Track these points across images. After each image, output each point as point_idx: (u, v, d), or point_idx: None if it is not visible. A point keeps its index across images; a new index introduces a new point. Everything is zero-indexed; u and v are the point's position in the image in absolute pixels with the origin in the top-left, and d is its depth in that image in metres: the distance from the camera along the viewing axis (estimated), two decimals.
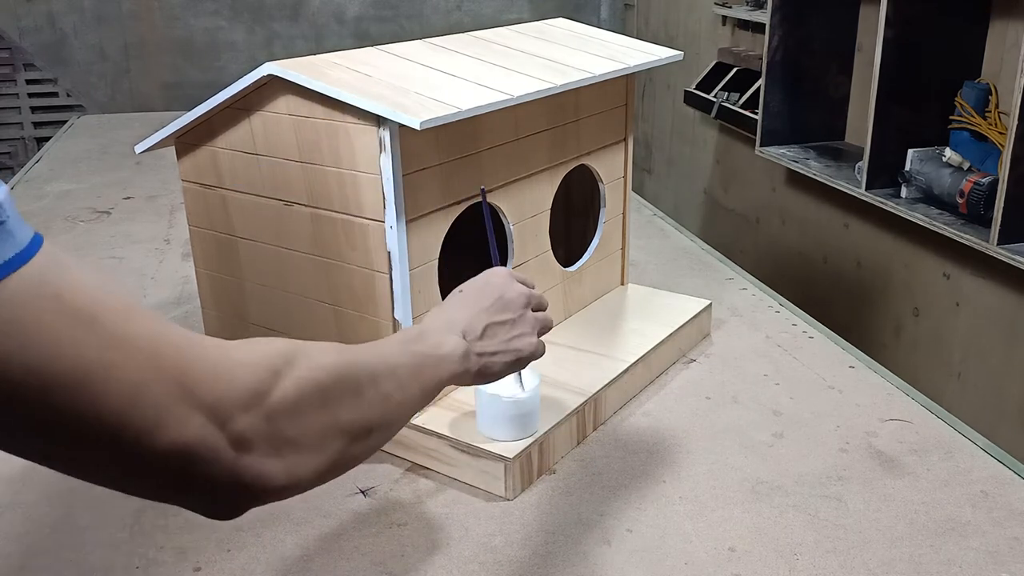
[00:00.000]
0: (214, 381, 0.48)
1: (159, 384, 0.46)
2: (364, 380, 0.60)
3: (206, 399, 0.47)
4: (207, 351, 0.49)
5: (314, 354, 0.56)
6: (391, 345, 0.68)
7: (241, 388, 0.49)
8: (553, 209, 1.20)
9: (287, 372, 0.53)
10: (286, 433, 0.52)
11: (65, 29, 3.94)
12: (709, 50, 3.31)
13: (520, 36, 1.24)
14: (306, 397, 0.54)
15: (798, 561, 0.86)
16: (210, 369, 0.48)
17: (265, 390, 0.51)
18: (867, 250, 2.48)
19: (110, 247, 1.77)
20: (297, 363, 0.54)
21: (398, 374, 0.64)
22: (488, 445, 0.96)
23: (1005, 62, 2.01)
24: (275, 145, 1.01)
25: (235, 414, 0.49)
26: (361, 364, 0.61)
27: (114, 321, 0.45)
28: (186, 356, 0.48)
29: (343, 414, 0.57)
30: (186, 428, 0.46)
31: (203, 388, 0.47)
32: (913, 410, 1.14)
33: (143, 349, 0.46)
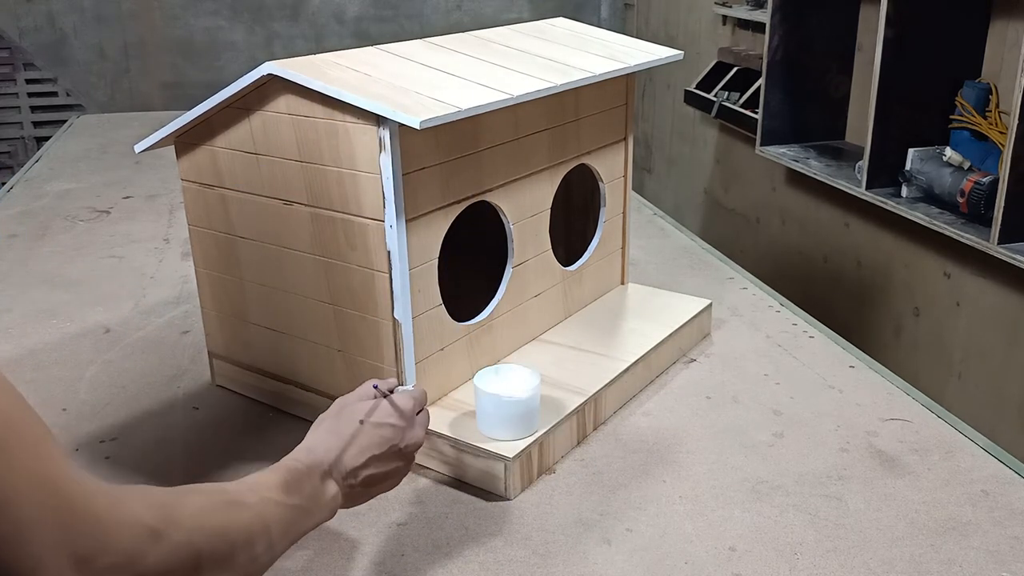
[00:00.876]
0: (94, 539, 0.48)
1: (45, 527, 0.46)
2: (239, 544, 0.60)
3: (82, 554, 0.47)
4: (95, 503, 0.49)
5: (195, 514, 0.57)
6: (269, 495, 0.67)
7: (119, 551, 0.49)
8: (553, 209, 1.20)
9: (167, 534, 0.53)
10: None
11: (65, 29, 3.94)
12: (709, 50, 3.31)
13: (520, 36, 1.24)
14: (180, 564, 0.54)
15: (798, 561, 0.86)
16: (92, 526, 0.48)
17: (140, 555, 0.51)
18: (867, 250, 2.48)
19: (110, 246, 1.77)
20: (178, 524, 0.54)
21: (271, 533, 0.65)
22: (488, 445, 0.96)
23: (1005, 62, 2.01)
24: (275, 144, 1.01)
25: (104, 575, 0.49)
26: (239, 528, 0.61)
27: (24, 452, 0.45)
28: (76, 507, 0.48)
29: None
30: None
31: (83, 543, 0.47)
32: (913, 410, 1.14)
33: (41, 489, 0.46)
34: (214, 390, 1.20)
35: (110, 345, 1.35)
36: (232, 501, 0.62)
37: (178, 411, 1.16)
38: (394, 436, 0.79)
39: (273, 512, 0.66)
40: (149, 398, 1.19)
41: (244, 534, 0.61)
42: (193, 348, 1.32)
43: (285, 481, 0.70)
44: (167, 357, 1.30)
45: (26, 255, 1.72)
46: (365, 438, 0.77)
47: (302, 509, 0.70)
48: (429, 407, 1.03)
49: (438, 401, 1.05)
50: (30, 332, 1.39)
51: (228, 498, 0.62)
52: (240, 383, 1.18)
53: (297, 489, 0.70)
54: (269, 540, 0.64)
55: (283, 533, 0.66)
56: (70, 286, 1.57)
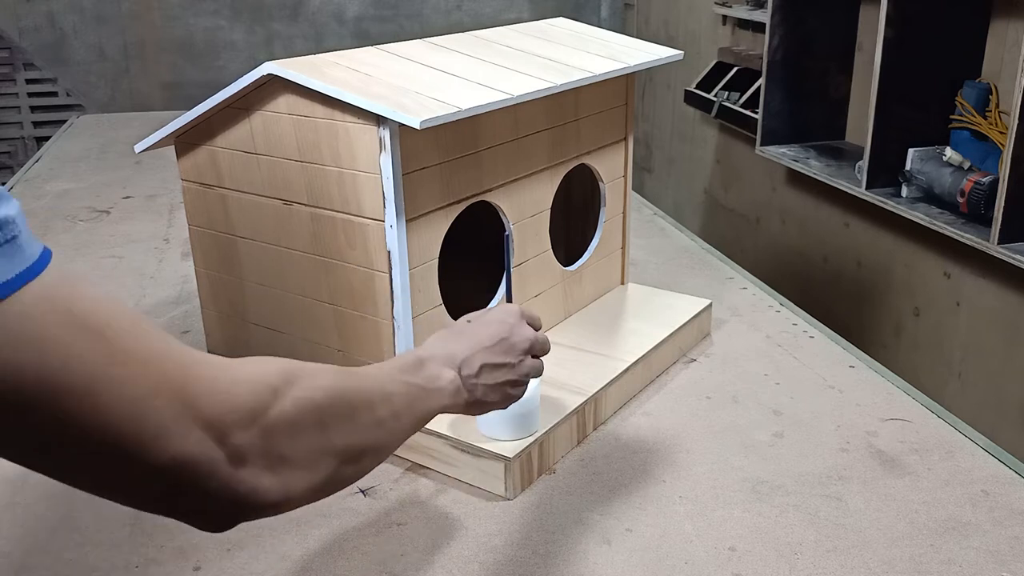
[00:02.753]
0: (214, 397, 0.50)
1: (161, 399, 0.47)
2: (359, 405, 0.62)
3: (205, 414, 0.49)
4: (208, 368, 0.51)
5: (313, 375, 0.58)
6: (388, 372, 0.69)
7: (240, 405, 0.51)
8: (553, 209, 1.20)
9: (285, 391, 0.54)
10: (281, 450, 0.53)
11: (65, 29, 3.94)
12: (709, 50, 3.31)
13: (520, 35, 1.24)
14: (303, 417, 0.55)
15: (798, 561, 0.86)
16: (210, 385, 0.50)
17: (263, 408, 0.52)
18: (867, 250, 2.48)
19: (109, 246, 1.77)
20: (296, 382, 0.55)
21: (393, 402, 0.66)
22: (488, 445, 0.96)
23: (1006, 61, 2.01)
24: (275, 144, 1.01)
25: (233, 430, 0.50)
26: (357, 389, 0.62)
27: (121, 336, 0.46)
28: (188, 372, 0.49)
29: (337, 436, 0.58)
30: (186, 442, 0.48)
31: (203, 403, 0.49)
32: (913, 410, 1.14)
33: (148, 364, 0.47)
34: None
35: None
36: (349, 370, 0.64)
37: None
38: (502, 331, 0.81)
39: (392, 384, 0.67)
40: None
41: (364, 396, 0.62)
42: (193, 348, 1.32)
43: (400, 366, 0.71)
44: None
45: None
46: (473, 334, 0.80)
47: (422, 388, 0.71)
48: None
49: None
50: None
51: (349, 371, 0.63)
52: None
53: (413, 372, 0.71)
54: (392, 408, 0.65)
55: (406, 405, 0.67)
56: None
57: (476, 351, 0.78)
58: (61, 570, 0.86)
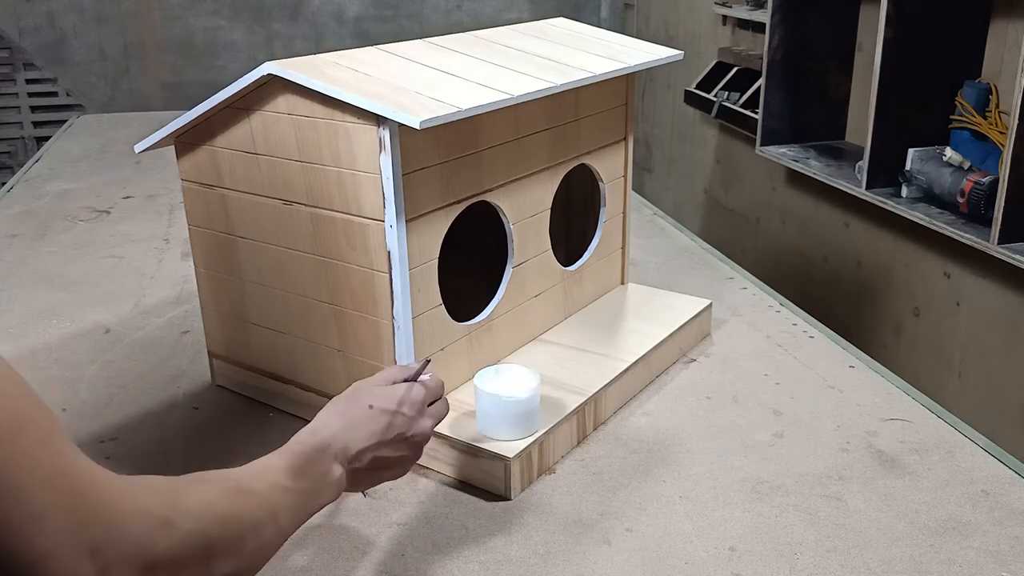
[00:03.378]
0: (106, 527, 0.48)
1: (59, 519, 0.46)
2: (248, 533, 0.60)
3: (94, 543, 0.47)
4: (108, 492, 0.49)
5: (207, 501, 0.57)
6: (278, 481, 0.67)
7: (128, 539, 0.49)
8: (553, 209, 1.20)
9: (177, 524, 0.53)
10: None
11: (65, 29, 3.94)
12: (709, 50, 3.31)
13: (520, 36, 1.24)
14: (189, 552, 0.54)
15: (798, 561, 0.86)
16: (105, 514, 0.48)
17: (151, 543, 0.51)
18: (867, 250, 2.48)
19: (109, 246, 1.77)
20: (189, 513, 0.54)
21: (279, 521, 0.65)
22: (488, 445, 0.96)
23: (1006, 62, 2.01)
24: (275, 144, 1.01)
25: (117, 565, 0.48)
26: (248, 515, 0.61)
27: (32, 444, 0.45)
28: (89, 497, 0.48)
29: (220, 567, 0.57)
30: (70, 571, 0.46)
31: (96, 533, 0.47)
32: (913, 410, 1.14)
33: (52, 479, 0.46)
34: (214, 390, 1.20)
35: (110, 345, 1.35)
36: (239, 489, 0.62)
37: (178, 411, 1.16)
38: (402, 425, 0.78)
39: (280, 498, 0.66)
40: (149, 398, 1.19)
41: (252, 521, 0.61)
42: (193, 348, 1.32)
43: (291, 466, 0.69)
44: (167, 357, 1.30)
45: (26, 255, 1.72)
46: (373, 423, 0.77)
47: (309, 492, 0.69)
48: None
49: None
50: (30, 332, 1.39)
51: (235, 486, 0.62)
52: (240, 383, 1.18)
53: (304, 473, 0.69)
54: (277, 526, 0.64)
55: (291, 518, 0.67)
56: (70, 286, 1.57)
57: (371, 445, 0.76)
58: None
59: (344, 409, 0.77)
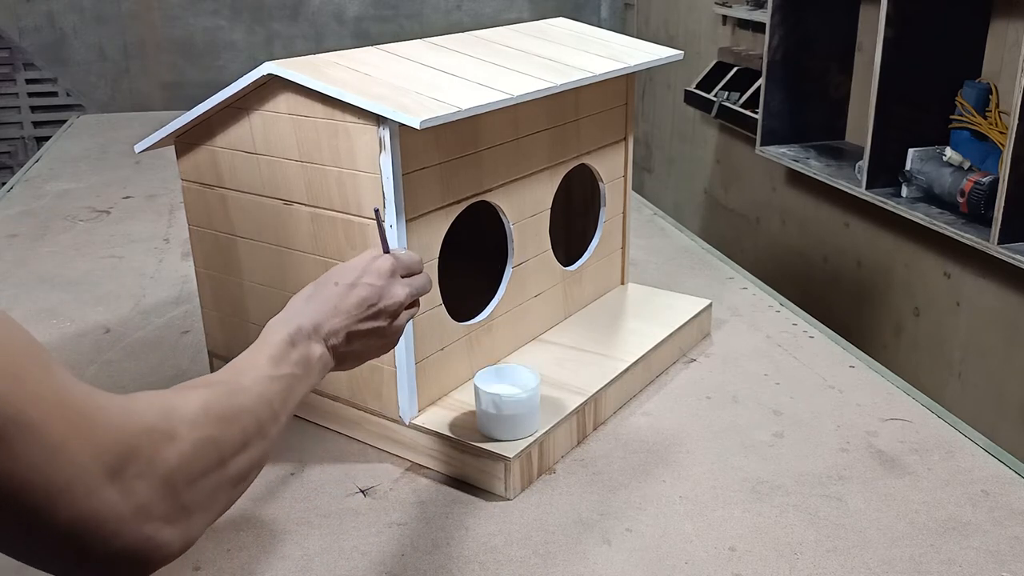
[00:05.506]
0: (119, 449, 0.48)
1: (74, 447, 0.46)
2: (250, 429, 0.61)
3: (113, 466, 0.47)
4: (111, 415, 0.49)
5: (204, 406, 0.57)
6: (262, 372, 0.68)
7: (141, 457, 0.50)
8: (553, 209, 1.20)
9: (183, 433, 0.53)
10: (183, 500, 0.52)
11: (65, 29, 3.94)
12: (709, 50, 3.31)
13: (520, 36, 1.24)
14: (200, 458, 0.54)
15: (798, 561, 0.86)
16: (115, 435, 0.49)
17: (162, 457, 0.51)
18: (867, 250, 2.48)
19: (109, 246, 1.77)
20: (190, 419, 0.55)
21: (273, 407, 0.65)
22: (488, 445, 0.96)
23: (1005, 61, 2.01)
24: (275, 144, 1.01)
25: (135, 482, 0.49)
26: (246, 412, 0.61)
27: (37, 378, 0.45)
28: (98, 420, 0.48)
29: (233, 467, 0.58)
30: (92, 497, 0.46)
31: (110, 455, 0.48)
32: (913, 410, 1.14)
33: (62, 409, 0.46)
34: None
35: (110, 345, 1.35)
36: (229, 389, 0.62)
37: None
38: (371, 295, 0.77)
39: (269, 387, 0.66)
40: None
41: (251, 417, 0.62)
42: (193, 348, 1.32)
43: (271, 356, 0.70)
44: (167, 357, 1.30)
45: (26, 255, 1.72)
46: (340, 299, 0.76)
47: (295, 377, 0.70)
48: (432, 407, 1.03)
49: (438, 401, 1.05)
50: (30, 332, 1.39)
51: (225, 388, 0.62)
52: None
53: (284, 359, 0.70)
54: (273, 414, 0.65)
55: (283, 403, 0.67)
56: (70, 286, 1.57)
57: (343, 321, 0.75)
58: None
59: (311, 293, 0.77)
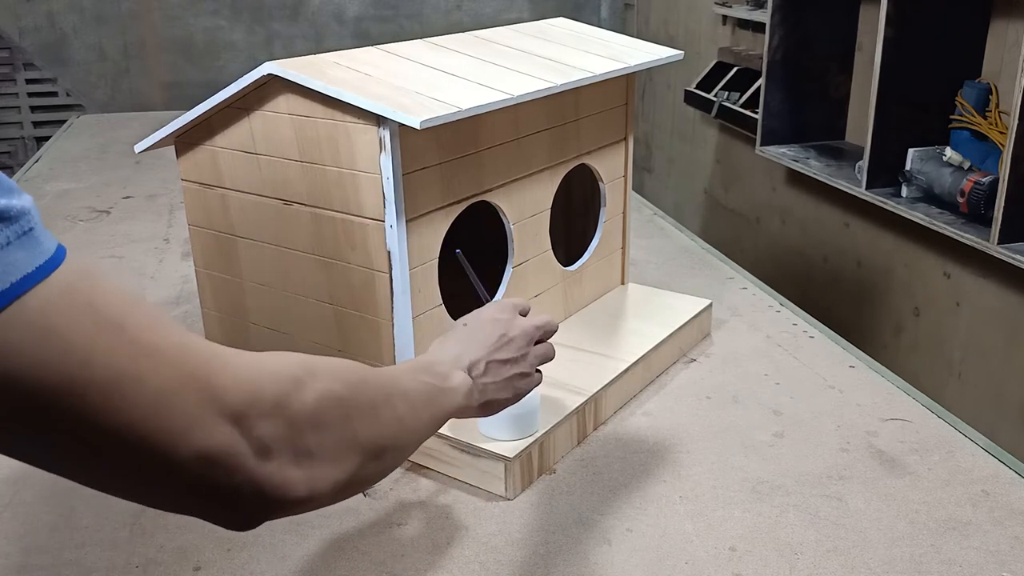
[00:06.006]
0: (238, 389, 0.49)
1: (186, 392, 0.47)
2: (379, 399, 0.62)
3: (231, 407, 0.48)
4: (230, 360, 0.50)
5: (333, 368, 0.58)
6: (401, 371, 0.69)
7: (264, 396, 0.50)
8: (553, 209, 1.20)
9: (308, 382, 0.54)
10: (307, 443, 0.53)
11: (65, 29, 3.94)
12: (709, 50, 3.31)
13: (520, 35, 1.24)
14: (327, 409, 0.55)
15: (799, 561, 0.86)
16: (233, 377, 0.49)
17: (287, 399, 0.52)
18: (867, 250, 2.48)
19: (109, 246, 1.77)
20: (317, 375, 0.55)
21: (410, 398, 0.66)
22: (488, 445, 0.96)
23: (1006, 61, 2.01)
24: (275, 145, 1.01)
25: (259, 422, 0.49)
26: (376, 383, 0.63)
27: (143, 330, 0.46)
28: (211, 365, 0.49)
29: (361, 429, 0.58)
30: (212, 435, 0.47)
31: (228, 396, 0.48)
32: (914, 410, 1.14)
33: (171, 358, 0.47)
34: None
35: None
36: (366, 367, 0.64)
37: None
38: (498, 328, 0.82)
39: (409, 381, 0.67)
40: None
41: (384, 391, 0.62)
42: None
43: (412, 366, 0.72)
44: None
45: None
46: (472, 336, 0.80)
47: (436, 387, 0.71)
48: None
49: None
50: None
51: (360, 365, 0.63)
52: None
53: (425, 371, 0.72)
54: (410, 403, 0.65)
55: (424, 402, 0.68)
56: None
57: (480, 352, 0.79)
58: (61, 570, 0.86)
59: (442, 340, 0.81)
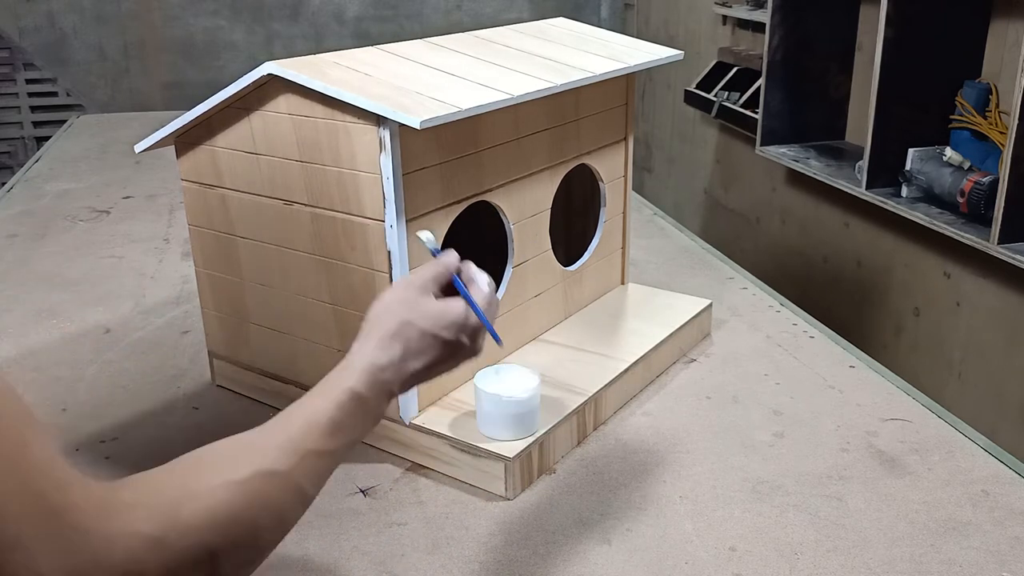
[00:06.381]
0: (89, 555, 0.45)
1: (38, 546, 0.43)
2: (265, 527, 0.54)
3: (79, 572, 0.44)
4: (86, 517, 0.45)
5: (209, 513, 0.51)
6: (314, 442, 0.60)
7: (113, 566, 0.46)
8: (553, 209, 1.20)
9: (170, 541, 0.48)
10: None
11: (65, 29, 3.94)
12: (709, 50, 3.31)
13: (520, 36, 1.24)
14: (188, 566, 0.49)
15: (799, 561, 0.86)
16: (87, 540, 0.45)
17: (139, 568, 0.47)
18: (867, 250, 2.48)
19: (109, 246, 1.77)
20: (186, 527, 0.49)
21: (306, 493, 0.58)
22: (488, 445, 0.96)
23: (1005, 61, 2.01)
24: (275, 145, 1.01)
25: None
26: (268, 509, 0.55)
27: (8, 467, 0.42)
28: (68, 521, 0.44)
29: (224, 568, 0.52)
30: None
31: (78, 560, 0.44)
32: (913, 410, 1.14)
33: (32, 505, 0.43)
34: (214, 390, 1.20)
35: (110, 345, 1.35)
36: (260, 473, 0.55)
37: (178, 411, 1.16)
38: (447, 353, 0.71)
39: (311, 467, 0.58)
40: (149, 398, 1.19)
41: (274, 514, 0.55)
42: (193, 348, 1.32)
43: (334, 422, 0.62)
44: (167, 357, 1.30)
45: (26, 255, 1.72)
46: (432, 350, 0.70)
47: (347, 445, 0.62)
48: (432, 407, 1.03)
49: (438, 401, 1.05)
50: (30, 332, 1.39)
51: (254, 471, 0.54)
52: (240, 383, 1.18)
53: (348, 426, 0.62)
54: (304, 501, 0.58)
55: (318, 483, 0.60)
56: (70, 286, 1.57)
57: (426, 366, 0.70)
58: None
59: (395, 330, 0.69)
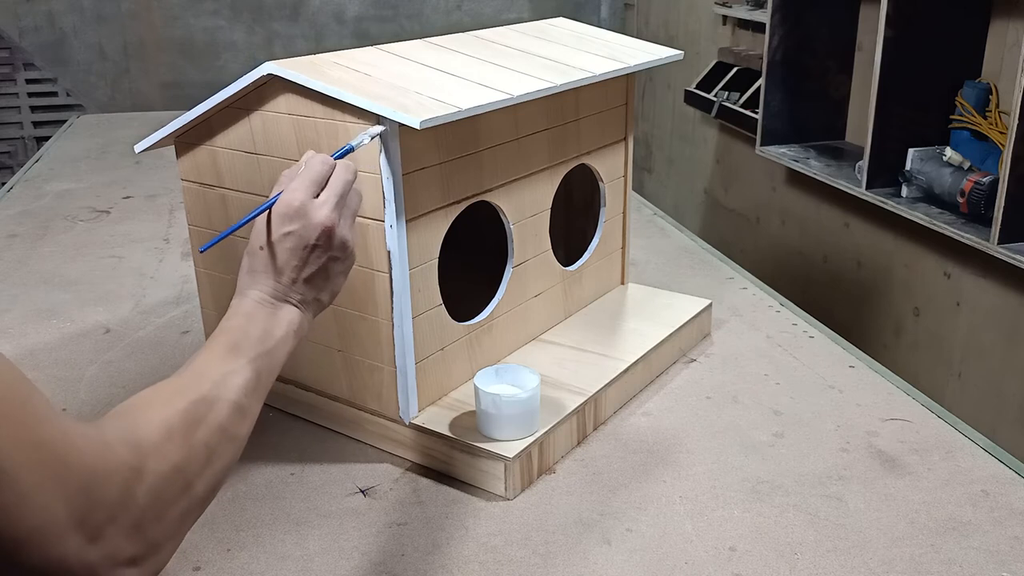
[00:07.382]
0: (89, 496, 0.47)
1: (48, 493, 0.45)
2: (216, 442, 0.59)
3: (82, 515, 0.46)
4: (86, 457, 0.48)
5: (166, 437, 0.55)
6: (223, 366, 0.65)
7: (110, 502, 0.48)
8: (553, 209, 1.20)
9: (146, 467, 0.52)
10: (153, 537, 0.51)
11: (65, 29, 3.94)
12: (709, 50, 3.31)
13: (520, 35, 1.24)
14: (168, 490, 0.53)
15: (799, 561, 0.86)
16: (88, 480, 0.47)
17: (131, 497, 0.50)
18: (867, 250, 2.48)
19: (110, 246, 1.77)
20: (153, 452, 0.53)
21: (242, 405, 0.63)
22: (488, 445, 0.96)
23: (1005, 61, 2.01)
24: (275, 144, 1.01)
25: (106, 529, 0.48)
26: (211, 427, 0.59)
27: (15, 421, 0.44)
28: (72, 464, 0.46)
29: (200, 484, 0.56)
30: (61, 544, 0.45)
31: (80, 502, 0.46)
32: (913, 410, 1.14)
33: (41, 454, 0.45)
34: None
35: (110, 345, 1.35)
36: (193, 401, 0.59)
37: None
38: (298, 241, 0.74)
39: (235, 384, 0.64)
40: None
41: (217, 429, 0.59)
42: (193, 348, 1.32)
43: (229, 347, 0.67)
44: (167, 357, 1.30)
45: (26, 255, 1.72)
46: (278, 256, 0.74)
47: (260, 356, 0.67)
48: (432, 407, 1.03)
49: (438, 401, 1.05)
50: (30, 332, 1.39)
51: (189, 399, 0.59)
52: None
53: (245, 346, 0.67)
54: (241, 412, 0.63)
55: (253, 392, 0.65)
56: (70, 286, 1.57)
57: (291, 274, 0.73)
58: None
59: (249, 264, 0.76)
